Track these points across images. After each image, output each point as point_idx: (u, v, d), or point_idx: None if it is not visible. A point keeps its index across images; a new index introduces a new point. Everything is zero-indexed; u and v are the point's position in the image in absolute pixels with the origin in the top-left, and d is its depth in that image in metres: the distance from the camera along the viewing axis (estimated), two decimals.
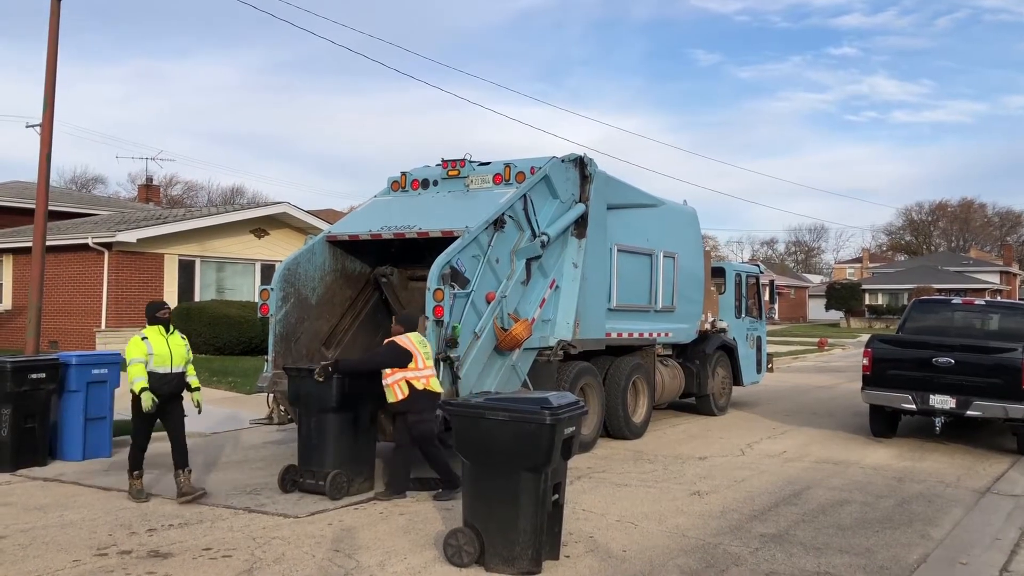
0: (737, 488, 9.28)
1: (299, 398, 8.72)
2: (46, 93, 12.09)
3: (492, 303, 9.62)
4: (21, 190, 29.83)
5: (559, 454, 6.30)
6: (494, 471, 6.32)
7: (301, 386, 8.63)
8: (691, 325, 14.18)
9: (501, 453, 6.27)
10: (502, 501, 6.27)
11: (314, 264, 10.61)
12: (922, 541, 7.40)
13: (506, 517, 6.25)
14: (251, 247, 23.80)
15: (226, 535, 7.11)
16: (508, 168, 10.77)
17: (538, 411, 6.17)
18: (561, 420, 6.23)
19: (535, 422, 6.15)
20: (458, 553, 6.36)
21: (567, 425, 6.34)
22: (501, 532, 6.27)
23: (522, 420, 6.20)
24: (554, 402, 6.34)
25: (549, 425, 6.13)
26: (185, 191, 74.04)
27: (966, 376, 11.54)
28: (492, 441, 6.31)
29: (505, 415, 6.27)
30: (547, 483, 6.28)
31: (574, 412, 6.51)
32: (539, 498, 6.23)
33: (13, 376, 9.63)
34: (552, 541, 6.52)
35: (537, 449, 6.17)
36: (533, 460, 6.18)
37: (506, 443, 6.25)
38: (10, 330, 22.72)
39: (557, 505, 6.54)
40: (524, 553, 6.22)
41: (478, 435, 6.39)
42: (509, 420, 6.25)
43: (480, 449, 6.39)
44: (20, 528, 7.22)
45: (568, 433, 6.38)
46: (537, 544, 6.25)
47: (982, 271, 69.04)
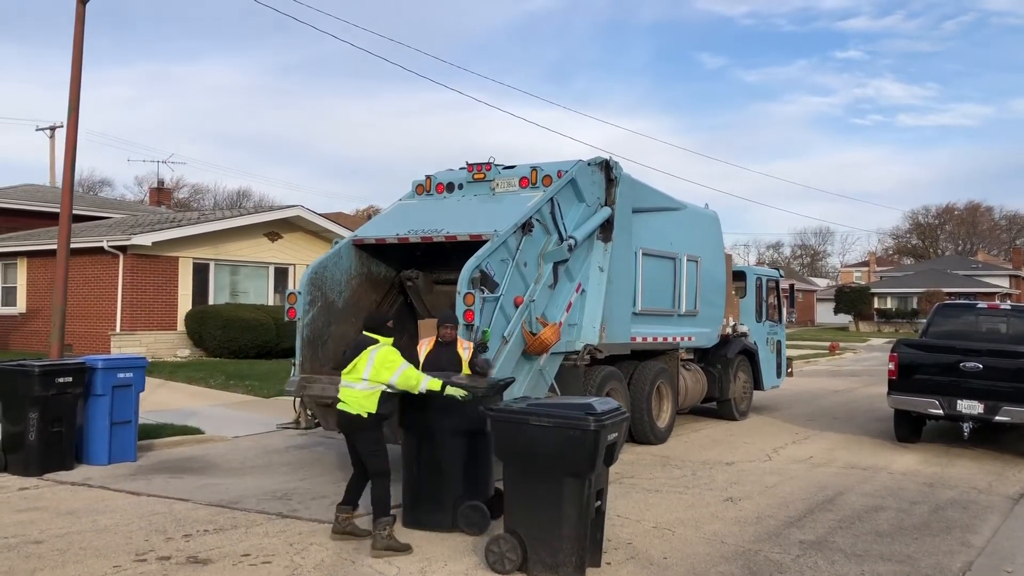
0: (769, 494, 9.22)
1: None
2: (71, 99, 12.09)
3: (520, 307, 9.56)
4: (33, 193, 29.87)
5: (602, 460, 6.27)
6: (537, 477, 6.28)
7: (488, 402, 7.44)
8: (713, 329, 14.13)
9: (545, 459, 6.24)
10: (545, 507, 6.23)
11: (340, 268, 10.57)
12: (963, 549, 7.33)
13: (549, 524, 6.21)
14: (264, 250, 23.76)
15: (263, 541, 7.06)
16: (535, 172, 10.72)
17: (583, 417, 6.14)
18: (605, 426, 6.19)
19: (580, 428, 6.11)
20: (500, 560, 6.32)
21: (611, 431, 6.30)
22: (544, 539, 6.23)
23: (567, 426, 6.16)
24: (598, 408, 6.33)
25: (593, 431, 6.10)
26: (192, 194, 74.12)
27: (994, 381, 11.47)
28: (536, 447, 6.27)
29: (549, 421, 6.24)
30: (591, 489, 6.25)
31: (617, 418, 6.48)
32: (583, 505, 6.19)
33: (40, 380, 9.60)
34: (594, 548, 6.49)
35: (581, 455, 6.13)
36: (577, 466, 6.14)
37: (550, 449, 6.21)
38: (25, 333, 22.72)
39: (600, 512, 6.50)
40: (568, 560, 6.16)
41: (522, 441, 6.34)
42: (553, 426, 6.21)
43: (523, 455, 6.36)
44: (55, 533, 7.18)
45: (611, 439, 6.34)
46: (581, 551, 6.21)
47: (991, 275, 68.81)
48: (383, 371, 6.92)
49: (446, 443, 7.50)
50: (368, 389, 6.94)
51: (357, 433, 7.05)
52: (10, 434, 9.71)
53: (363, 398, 6.96)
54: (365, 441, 7.01)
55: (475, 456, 7.53)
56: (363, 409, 6.95)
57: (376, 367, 6.93)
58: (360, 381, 6.96)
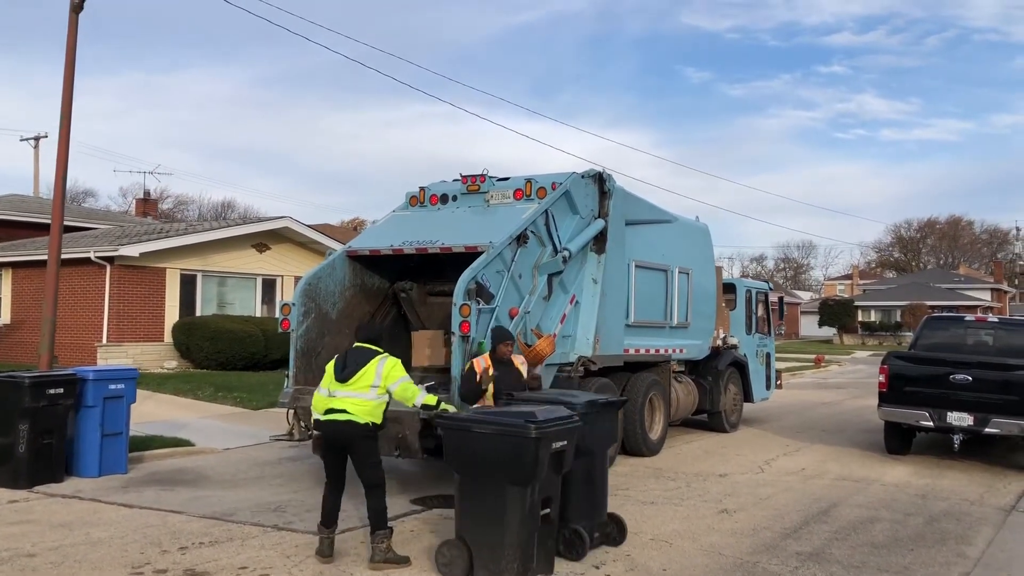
0: (764, 505, 9.24)
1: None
2: (63, 108, 12.03)
3: (515, 318, 9.56)
4: (18, 203, 29.65)
5: (547, 468, 6.27)
6: (481, 484, 6.34)
7: (595, 420, 7.26)
8: (704, 341, 14.17)
9: (487, 466, 6.29)
10: (489, 514, 6.28)
11: (334, 279, 10.55)
12: (959, 560, 7.37)
13: (493, 530, 6.25)
14: (252, 261, 23.67)
15: (259, 553, 7.00)
16: (529, 184, 10.74)
17: (523, 425, 6.17)
18: (547, 434, 6.22)
19: (519, 436, 6.15)
20: (449, 565, 6.39)
21: (555, 439, 6.33)
22: (488, 545, 6.26)
23: (507, 434, 6.21)
24: (540, 416, 6.33)
25: (534, 439, 6.13)
26: (176, 205, 73.77)
27: (984, 393, 11.54)
28: (479, 454, 6.35)
29: (491, 429, 6.31)
30: (534, 497, 6.27)
31: (563, 426, 6.47)
32: (525, 512, 6.21)
33: (31, 391, 9.50)
34: (546, 556, 6.51)
35: (522, 463, 6.16)
36: (518, 474, 6.18)
37: (491, 456, 6.27)
38: (9, 345, 22.49)
39: (548, 520, 6.51)
40: (510, 567, 6.19)
41: (466, 448, 6.42)
42: (494, 434, 6.28)
43: (468, 462, 6.42)
44: (48, 546, 7.10)
45: (558, 447, 6.36)
46: (524, 558, 6.23)
47: (973, 288, 69.42)
48: (387, 380, 6.92)
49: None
50: (378, 400, 6.91)
51: (360, 443, 6.90)
52: None
53: (374, 408, 6.92)
54: (367, 452, 6.91)
55: (584, 477, 7.15)
56: (372, 419, 6.90)
57: (385, 377, 6.91)
58: (370, 390, 6.90)
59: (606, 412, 7.45)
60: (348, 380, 6.91)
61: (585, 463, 7.07)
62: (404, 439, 8.93)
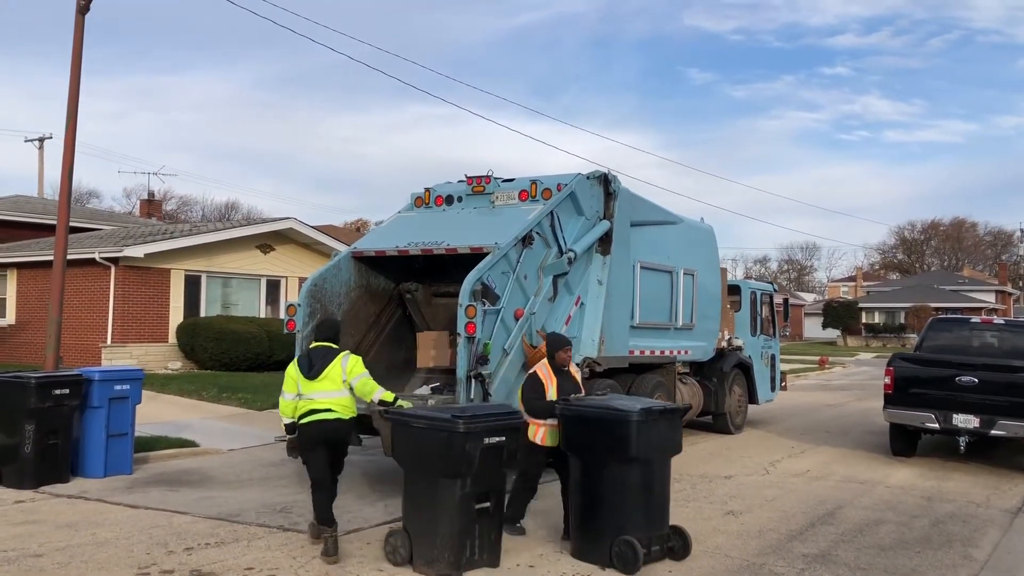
0: (769, 507, 9.22)
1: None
2: (69, 109, 12.05)
3: (521, 320, 9.57)
4: (23, 204, 29.70)
5: (480, 462, 6.44)
6: (418, 476, 6.66)
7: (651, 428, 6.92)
8: (709, 343, 14.15)
9: (423, 459, 6.60)
10: (424, 505, 6.59)
11: (340, 280, 10.55)
12: (966, 563, 7.35)
13: (427, 520, 6.56)
14: (256, 263, 23.69)
15: (265, 554, 7.00)
16: (534, 185, 10.75)
17: (451, 419, 6.43)
18: (476, 429, 6.41)
19: (448, 430, 6.39)
20: (394, 552, 6.73)
21: (488, 435, 6.51)
22: (424, 534, 6.57)
23: (438, 428, 6.46)
24: (471, 412, 6.63)
25: (462, 433, 6.35)
26: (180, 206, 73.88)
27: (990, 395, 11.51)
28: (416, 448, 6.64)
29: (424, 423, 6.59)
30: (466, 489, 6.46)
31: (498, 422, 6.65)
32: (457, 504, 6.43)
33: (37, 392, 9.51)
34: (490, 547, 6.72)
35: (451, 456, 6.39)
36: (450, 467, 6.41)
37: (427, 450, 6.54)
38: (13, 345, 22.53)
39: (488, 512, 6.66)
40: (442, 556, 6.45)
41: (406, 442, 6.74)
42: (427, 428, 6.55)
43: (408, 456, 6.74)
44: (55, 547, 7.11)
45: (493, 442, 6.54)
46: (457, 548, 6.45)
47: (977, 290, 69.31)
48: (352, 377, 7.23)
49: (611, 471, 6.87)
50: (350, 395, 7.27)
51: (346, 438, 7.30)
52: (5, 446, 9.60)
53: (350, 403, 7.28)
54: (345, 448, 7.36)
55: (642, 487, 6.88)
56: (351, 413, 7.27)
57: (349, 372, 7.22)
58: (344, 387, 7.21)
59: (665, 420, 7.04)
60: (317, 378, 7.15)
61: (642, 472, 6.84)
62: None
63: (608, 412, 6.94)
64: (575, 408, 7.22)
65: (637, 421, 6.74)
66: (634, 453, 6.75)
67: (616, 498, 6.84)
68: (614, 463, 6.84)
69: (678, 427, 7.22)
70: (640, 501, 6.88)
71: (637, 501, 6.88)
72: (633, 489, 6.85)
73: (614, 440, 6.81)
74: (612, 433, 6.82)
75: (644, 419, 6.80)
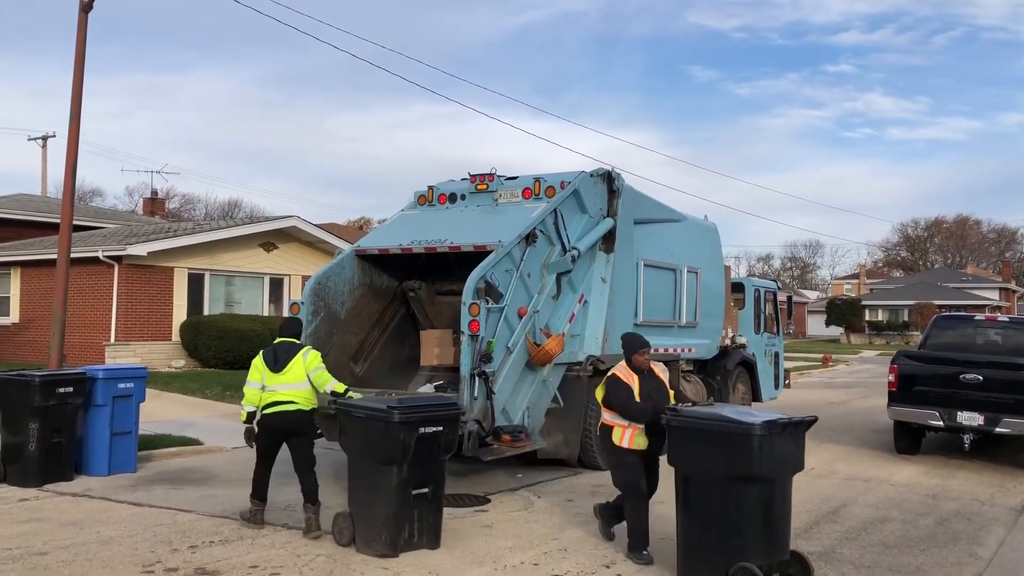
0: None
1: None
2: (72, 107, 12.06)
3: (524, 318, 9.56)
4: (26, 203, 29.74)
5: (415, 450, 6.84)
6: (360, 463, 7.11)
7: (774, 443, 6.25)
8: (713, 340, 14.14)
9: (362, 447, 7.05)
10: (364, 490, 7.04)
11: (343, 278, 10.55)
12: (971, 560, 7.34)
13: (367, 504, 7.02)
14: (260, 261, 23.70)
15: (269, 552, 7.01)
16: (538, 183, 10.74)
17: (387, 410, 6.82)
18: (411, 420, 6.81)
19: (384, 420, 6.80)
20: (340, 533, 7.18)
21: (424, 424, 6.91)
22: (364, 517, 7.03)
23: (375, 418, 6.89)
24: (408, 403, 7.08)
25: (397, 423, 6.76)
26: (182, 204, 73.93)
27: (994, 393, 11.49)
28: (357, 436, 7.09)
29: (363, 413, 7.03)
30: (403, 476, 6.86)
31: (434, 413, 7.06)
32: (394, 489, 6.84)
33: (41, 390, 9.53)
34: (430, 531, 7.11)
35: (387, 444, 6.81)
36: (385, 454, 6.83)
37: (366, 438, 6.99)
38: (17, 343, 22.55)
39: (425, 498, 7.03)
40: (379, 537, 6.90)
41: (349, 431, 7.21)
42: (366, 417, 6.98)
43: (350, 443, 7.20)
44: (59, 545, 7.12)
45: (428, 432, 6.93)
46: (394, 531, 6.87)
47: (981, 287, 69.23)
48: (311, 369, 7.76)
49: (727, 489, 6.23)
50: (311, 388, 7.79)
51: (305, 430, 7.84)
52: (10, 445, 9.63)
53: (311, 395, 7.83)
54: (311, 435, 7.91)
55: (762, 508, 6.26)
56: (311, 404, 7.84)
57: (308, 365, 7.77)
58: (305, 380, 7.77)
59: (788, 434, 6.38)
60: (282, 371, 7.69)
61: (761, 492, 6.20)
62: None
63: (727, 425, 6.26)
64: (686, 419, 6.55)
65: (760, 436, 6.10)
66: (756, 471, 6.10)
67: (733, 520, 6.20)
68: (732, 481, 6.18)
69: (802, 442, 6.56)
70: (760, 523, 6.22)
71: (757, 523, 6.21)
72: (753, 510, 6.19)
73: (733, 456, 6.15)
74: (731, 448, 6.16)
75: (767, 433, 6.14)
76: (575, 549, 7.32)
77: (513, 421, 9.35)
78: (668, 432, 6.67)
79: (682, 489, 6.58)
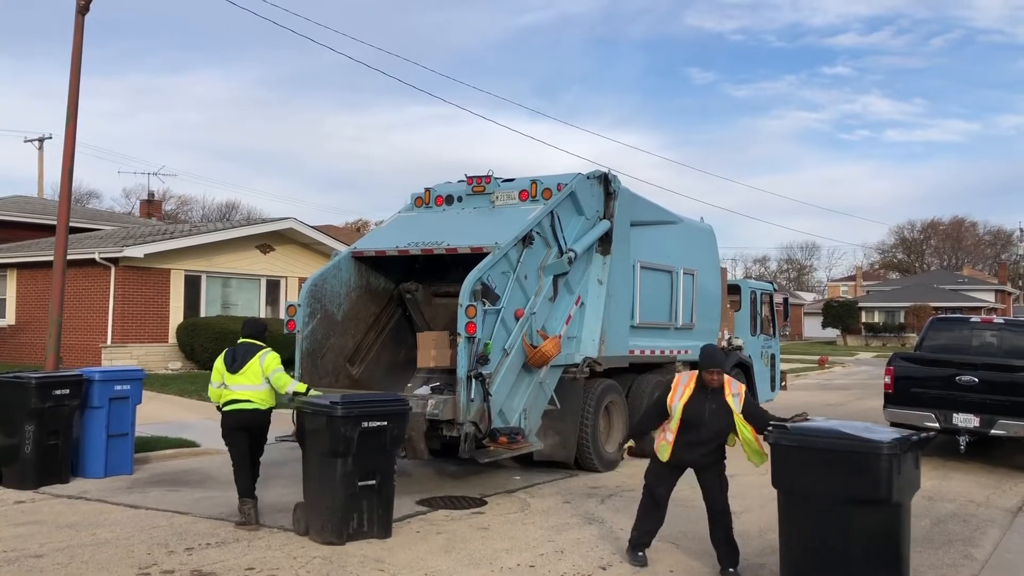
0: (770, 507, 9.11)
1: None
2: (69, 109, 12.05)
3: (521, 320, 9.58)
4: (23, 204, 29.72)
5: (360, 444, 7.29)
6: (310, 456, 7.56)
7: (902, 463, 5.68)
8: (709, 342, 14.13)
9: (312, 441, 7.48)
10: (315, 482, 7.50)
11: (340, 280, 10.55)
12: (967, 562, 7.35)
13: (317, 494, 7.48)
14: (256, 263, 23.69)
15: (266, 554, 7.01)
16: (535, 185, 10.75)
17: (330, 405, 7.29)
18: (353, 414, 7.28)
19: (328, 415, 7.27)
20: (297, 522, 7.65)
21: (367, 419, 7.35)
22: (315, 507, 7.49)
23: (320, 413, 7.35)
24: (351, 399, 7.49)
25: (340, 417, 7.22)
26: (179, 206, 73.84)
27: (990, 394, 11.53)
28: (308, 431, 7.52)
29: (311, 408, 7.47)
30: (348, 468, 7.31)
31: (377, 409, 7.51)
32: (339, 480, 7.28)
33: (37, 392, 9.51)
34: (379, 521, 7.56)
35: (331, 437, 7.26)
36: (331, 447, 7.27)
37: (316, 433, 7.41)
38: (13, 346, 22.53)
39: (372, 489, 7.46)
40: (327, 525, 7.34)
41: (303, 427, 7.64)
42: (314, 413, 7.42)
43: (304, 438, 7.63)
44: (55, 547, 7.11)
45: (371, 426, 7.38)
46: (342, 520, 7.30)
47: (977, 289, 69.32)
48: (269, 372, 8.02)
49: (847, 515, 5.71)
50: (268, 387, 8.06)
51: (262, 427, 8.18)
52: (5, 447, 9.61)
53: (268, 395, 8.09)
54: (264, 435, 8.24)
55: (887, 536, 5.71)
56: (268, 404, 8.12)
57: (266, 368, 8.03)
58: (262, 381, 8.03)
59: (912, 452, 5.84)
60: (239, 372, 8.00)
61: (887, 518, 5.68)
62: (410, 440, 8.94)
63: (849, 443, 5.72)
64: (799, 437, 5.97)
65: (888, 455, 5.57)
66: (884, 494, 5.57)
67: (853, 549, 5.68)
68: (853, 505, 5.66)
69: (919, 461, 6.02)
70: (885, 553, 5.70)
71: (881, 553, 5.69)
72: (876, 538, 5.68)
73: (856, 477, 5.62)
74: (854, 469, 5.63)
75: (897, 452, 5.60)
76: (571, 551, 7.32)
77: (510, 423, 9.36)
78: (774, 450, 6.09)
79: (790, 513, 6.01)
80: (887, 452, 5.57)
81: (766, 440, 6.26)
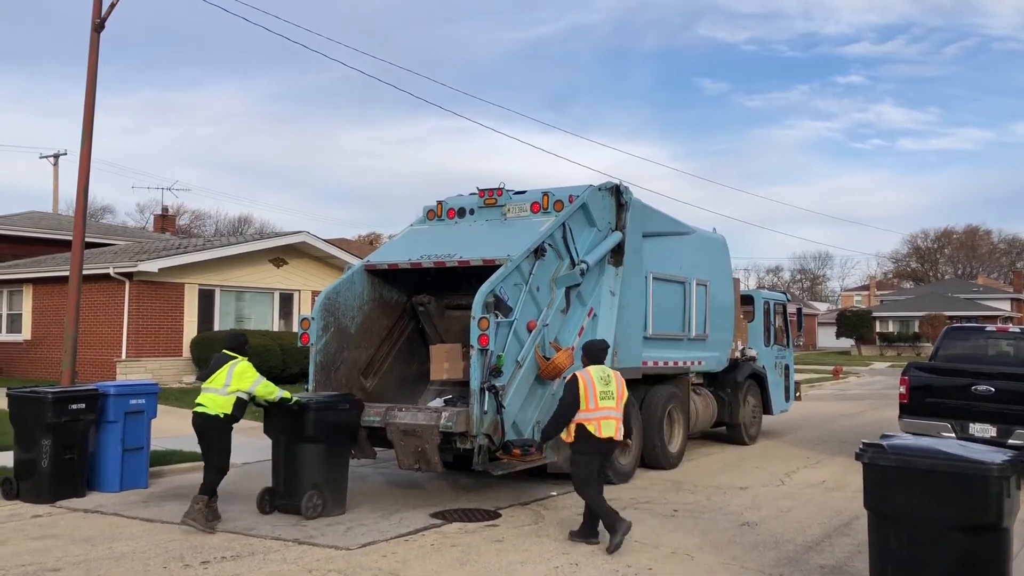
0: (785, 518, 9.18)
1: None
2: (84, 126, 12.19)
3: (534, 332, 9.58)
4: (38, 220, 29.97)
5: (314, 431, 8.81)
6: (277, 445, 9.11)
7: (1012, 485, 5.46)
8: (722, 353, 14.12)
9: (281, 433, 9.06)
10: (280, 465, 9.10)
11: (353, 293, 10.59)
12: None
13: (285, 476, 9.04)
14: (269, 276, 23.80)
15: (281, 568, 7.02)
16: (546, 197, 10.77)
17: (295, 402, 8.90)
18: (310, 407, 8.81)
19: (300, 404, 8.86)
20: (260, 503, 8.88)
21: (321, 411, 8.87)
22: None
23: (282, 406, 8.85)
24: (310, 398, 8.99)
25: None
26: (192, 220, 74.27)
27: (1007, 404, 11.44)
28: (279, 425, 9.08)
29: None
30: None
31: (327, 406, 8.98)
32: None
33: (54, 407, 9.57)
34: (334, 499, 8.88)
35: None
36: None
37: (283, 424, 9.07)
38: (30, 360, 22.68)
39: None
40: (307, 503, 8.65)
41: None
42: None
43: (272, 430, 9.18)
44: (72, 561, 7.14)
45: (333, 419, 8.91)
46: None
47: (992, 298, 68.89)
48: (241, 382, 8.51)
49: (952, 540, 5.38)
50: (226, 395, 8.51)
51: (211, 431, 8.58)
52: (23, 461, 9.67)
53: (224, 402, 8.51)
54: (217, 439, 8.61)
55: (994, 561, 5.44)
56: (220, 410, 8.50)
57: (235, 378, 8.51)
58: (222, 388, 8.52)
59: (1017, 473, 5.53)
60: (207, 379, 8.63)
61: (995, 543, 5.39)
62: (423, 452, 8.95)
63: (956, 464, 5.42)
64: (899, 456, 5.65)
65: (998, 477, 5.27)
66: (994, 519, 5.29)
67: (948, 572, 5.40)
68: (959, 531, 5.37)
69: (1020, 481, 5.65)
70: None
71: None
72: (983, 564, 5.41)
73: (963, 500, 5.33)
74: (961, 491, 5.34)
75: (1007, 475, 5.32)
76: (586, 563, 7.30)
77: (523, 435, 9.35)
78: (867, 470, 5.80)
79: (883, 535, 5.75)
80: (997, 474, 5.29)
81: (858, 459, 5.95)
